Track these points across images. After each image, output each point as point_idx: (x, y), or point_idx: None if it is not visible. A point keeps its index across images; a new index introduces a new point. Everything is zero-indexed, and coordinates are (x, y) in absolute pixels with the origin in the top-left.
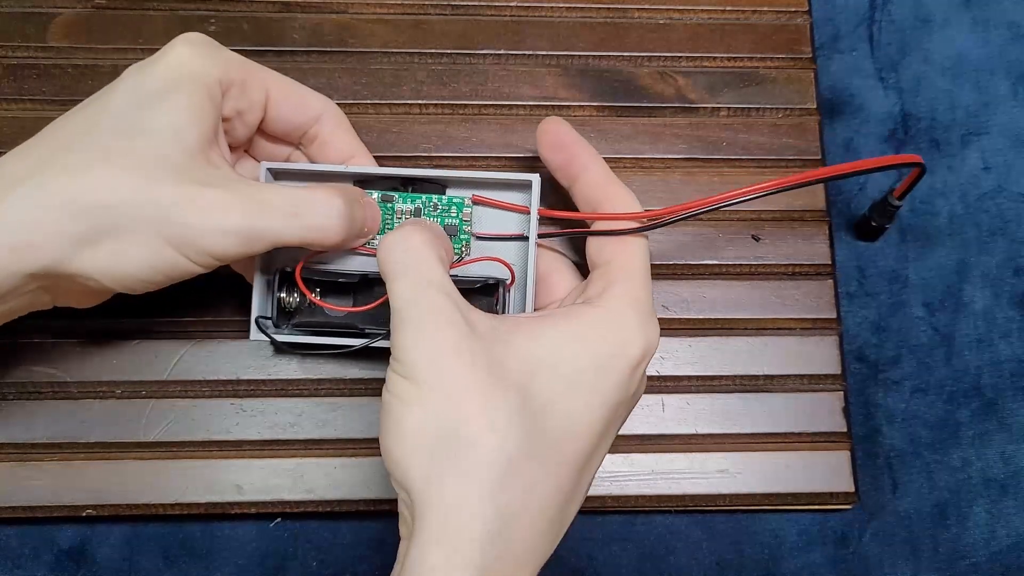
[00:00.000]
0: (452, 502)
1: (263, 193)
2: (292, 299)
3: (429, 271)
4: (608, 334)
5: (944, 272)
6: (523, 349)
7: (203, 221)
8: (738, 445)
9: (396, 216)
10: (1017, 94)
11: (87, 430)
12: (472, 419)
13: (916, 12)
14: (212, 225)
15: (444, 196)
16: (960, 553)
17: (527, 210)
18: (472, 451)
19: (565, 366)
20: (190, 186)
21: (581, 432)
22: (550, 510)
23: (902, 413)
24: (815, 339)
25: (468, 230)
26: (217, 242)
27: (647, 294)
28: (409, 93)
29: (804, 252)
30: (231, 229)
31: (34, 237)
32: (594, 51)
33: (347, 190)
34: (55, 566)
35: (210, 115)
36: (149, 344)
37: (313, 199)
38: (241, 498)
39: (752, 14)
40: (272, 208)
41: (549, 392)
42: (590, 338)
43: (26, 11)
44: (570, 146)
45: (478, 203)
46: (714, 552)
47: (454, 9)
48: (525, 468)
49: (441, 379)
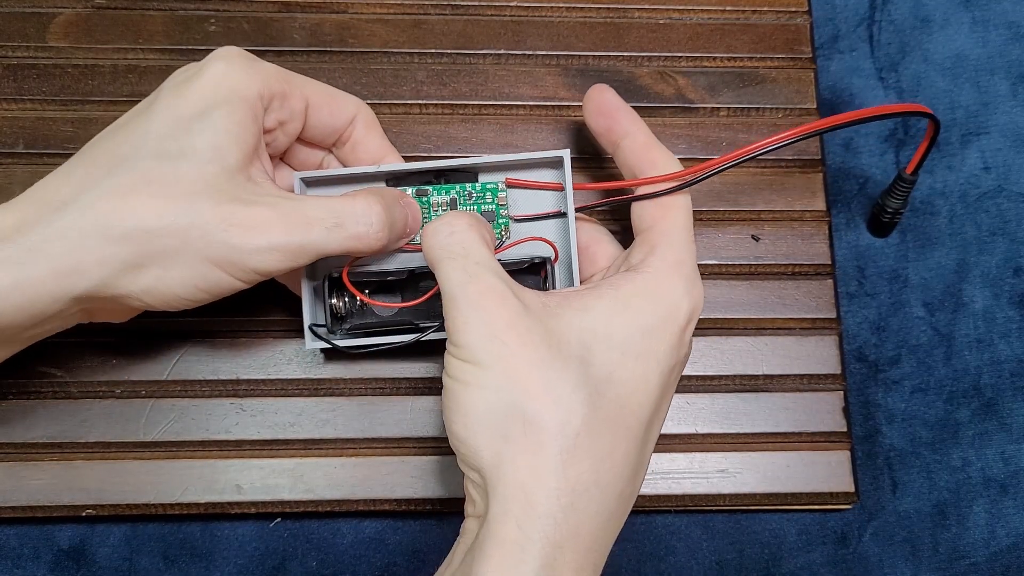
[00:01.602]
0: (524, 478)
1: (304, 207)
2: (343, 303)
3: (476, 252)
4: (654, 299)
5: (944, 272)
6: (576, 322)
7: (246, 241)
8: (738, 445)
9: (432, 209)
10: (1017, 94)
11: (87, 430)
12: (536, 395)
13: (916, 12)
14: (256, 244)
15: (477, 184)
16: (960, 553)
17: (561, 187)
18: (539, 427)
19: (618, 335)
20: (233, 206)
21: (642, 399)
22: (619, 481)
23: (902, 413)
24: (815, 339)
25: (505, 214)
26: (262, 260)
27: (690, 255)
28: (409, 93)
29: (804, 252)
30: (275, 246)
31: (80, 262)
32: (594, 51)
33: (385, 193)
34: (55, 566)
35: (251, 132)
36: (149, 344)
37: (354, 209)
38: (241, 498)
39: (752, 14)
40: (314, 222)
41: (606, 362)
42: (637, 306)
43: (26, 11)
44: (613, 112)
45: (512, 186)
46: (714, 552)
47: (454, 9)
48: (592, 440)
49: (500, 357)
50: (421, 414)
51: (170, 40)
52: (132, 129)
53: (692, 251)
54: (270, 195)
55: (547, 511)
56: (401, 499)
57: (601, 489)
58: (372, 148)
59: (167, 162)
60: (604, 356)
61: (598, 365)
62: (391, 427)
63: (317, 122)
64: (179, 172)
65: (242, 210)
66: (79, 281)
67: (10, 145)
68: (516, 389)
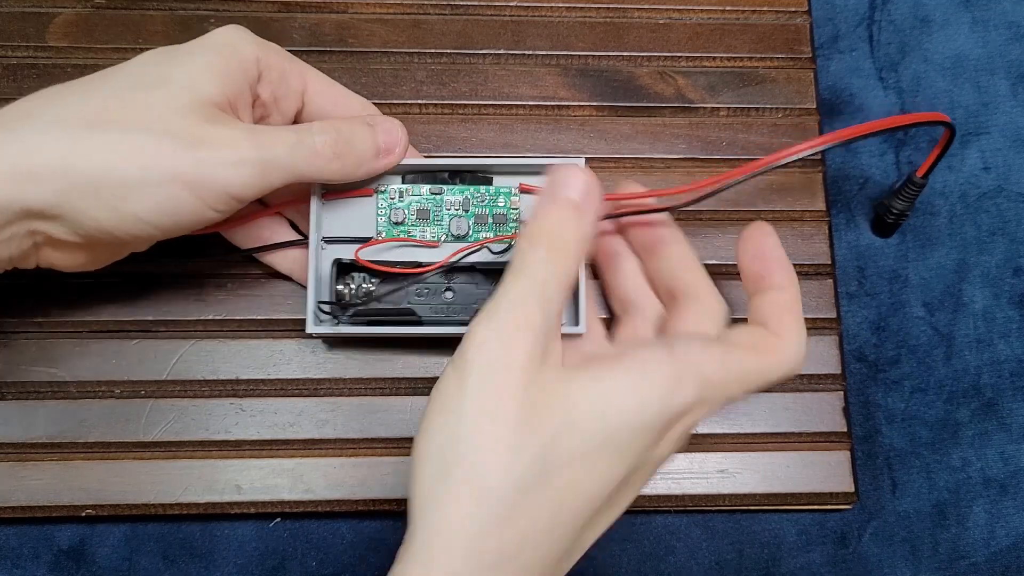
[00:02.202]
0: (441, 528)
1: (270, 128)
2: (349, 290)
3: (556, 277)
4: (646, 397)
5: (944, 272)
6: (566, 403)
7: (214, 154)
8: (738, 445)
9: (445, 208)
10: (1017, 94)
11: (87, 430)
12: (488, 452)
13: (916, 12)
14: (223, 157)
15: (491, 186)
16: (960, 553)
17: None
18: (475, 483)
19: (596, 430)
20: (201, 127)
21: (598, 490)
22: (545, 562)
23: (902, 413)
24: (815, 339)
25: (516, 218)
26: (231, 175)
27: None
28: (408, 93)
29: (804, 252)
30: (243, 159)
31: (36, 167)
32: (594, 51)
33: (354, 118)
34: (55, 566)
35: (235, 80)
36: (149, 344)
37: (310, 128)
38: (241, 498)
39: (752, 14)
40: (278, 139)
41: (571, 451)
42: (624, 405)
43: (26, 11)
44: (772, 262)
45: (525, 191)
46: (714, 552)
47: (453, 9)
48: (530, 512)
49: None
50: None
51: (170, 40)
52: (126, 63)
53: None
54: (239, 123)
55: (463, 567)
56: (401, 499)
57: (522, 563)
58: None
59: (141, 88)
60: (574, 444)
61: (563, 450)
62: (391, 427)
63: (318, 110)
64: (151, 97)
65: (210, 130)
66: (33, 190)
67: None
68: (478, 435)
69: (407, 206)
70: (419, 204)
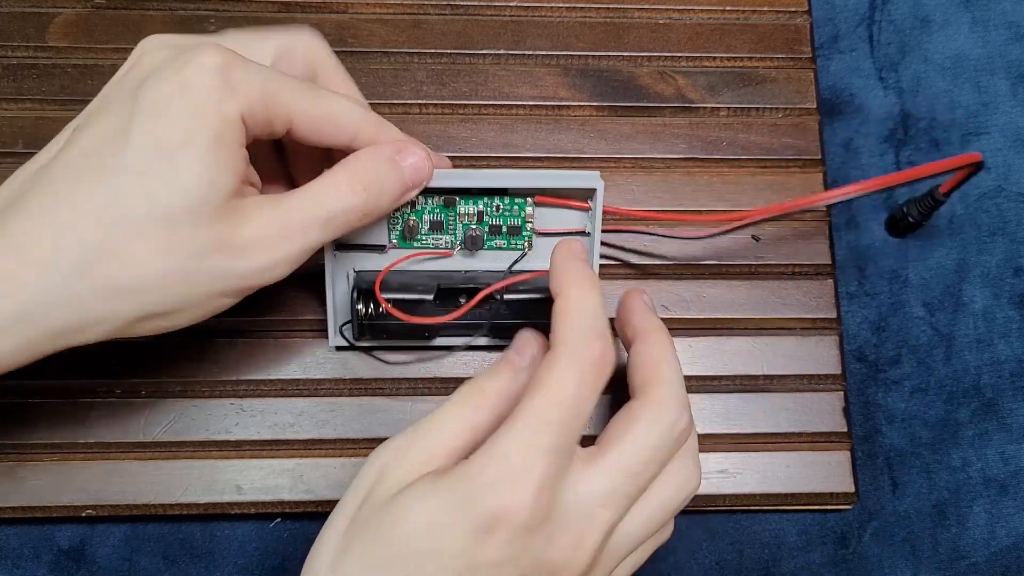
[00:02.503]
0: None
1: (294, 214)
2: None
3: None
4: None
5: (944, 272)
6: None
7: (250, 265)
8: (738, 445)
9: (459, 219)
10: (1017, 94)
11: (87, 430)
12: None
13: (916, 12)
14: (260, 264)
15: (506, 198)
16: (960, 553)
17: (588, 207)
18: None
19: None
20: (231, 236)
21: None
22: None
23: (902, 413)
24: (815, 339)
25: (531, 228)
26: (269, 276)
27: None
28: (409, 93)
29: (804, 252)
30: (278, 260)
31: (80, 322)
32: (594, 51)
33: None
34: (55, 566)
35: (239, 156)
36: (149, 344)
37: (338, 193)
38: (241, 498)
39: (752, 14)
40: (308, 225)
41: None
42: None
43: (26, 11)
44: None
45: (540, 204)
46: (714, 552)
47: (454, 9)
48: None
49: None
50: (421, 415)
51: None
52: (109, 163)
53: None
54: (260, 209)
55: None
56: None
57: None
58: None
59: (158, 208)
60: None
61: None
62: (391, 427)
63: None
64: (172, 216)
65: (240, 236)
66: (80, 337)
67: (10, 145)
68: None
69: (419, 214)
70: (432, 216)
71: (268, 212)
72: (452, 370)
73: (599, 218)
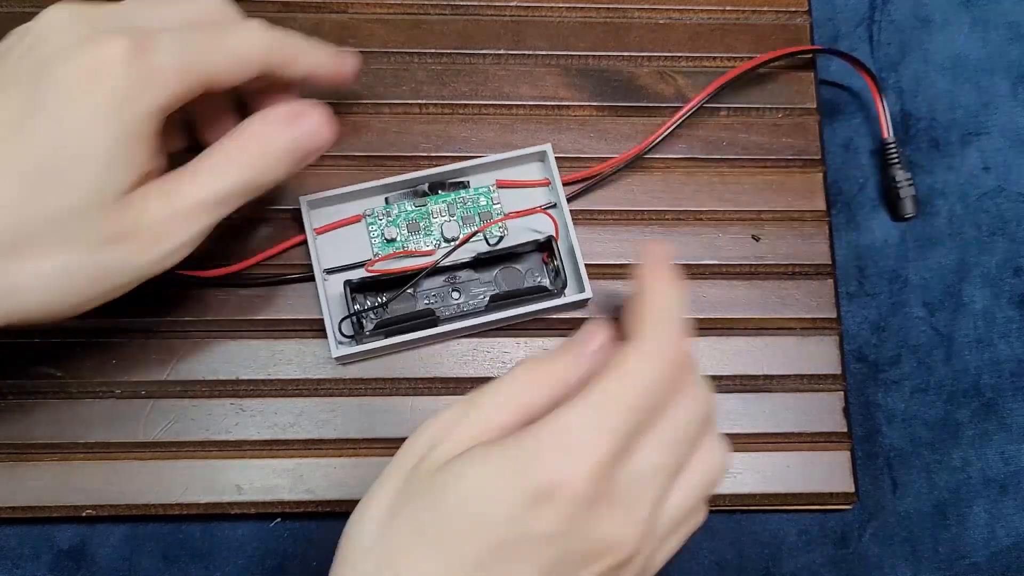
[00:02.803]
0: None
1: (185, 198)
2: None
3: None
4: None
5: (944, 272)
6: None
7: (146, 257)
8: (738, 445)
9: (432, 216)
10: (1017, 94)
11: (87, 430)
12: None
13: (916, 12)
14: (154, 257)
15: (470, 189)
16: (960, 553)
17: (548, 182)
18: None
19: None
20: (125, 230)
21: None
22: None
23: (902, 413)
24: (815, 339)
25: (499, 211)
26: (166, 264)
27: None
28: (409, 93)
29: (804, 252)
30: (175, 248)
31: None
32: (594, 51)
33: (259, 128)
34: (55, 566)
35: (141, 155)
36: (149, 344)
37: (222, 173)
38: (241, 498)
39: (752, 14)
40: (198, 208)
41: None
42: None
43: (26, 11)
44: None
45: (502, 186)
46: (714, 552)
47: (454, 9)
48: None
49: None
50: (421, 414)
51: None
52: (5, 159)
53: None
54: (154, 199)
55: None
56: None
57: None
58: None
59: (53, 208)
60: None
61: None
62: (391, 427)
63: (220, 89)
64: (69, 214)
65: (134, 229)
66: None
67: None
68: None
69: (395, 222)
70: (407, 219)
71: (161, 202)
72: (452, 370)
73: (557, 178)
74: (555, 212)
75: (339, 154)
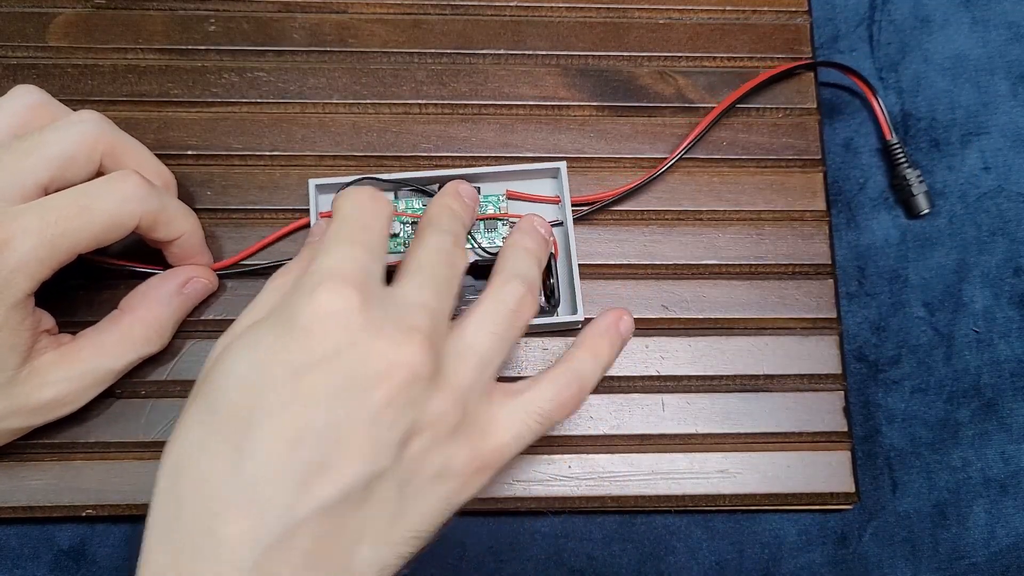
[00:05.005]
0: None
1: (85, 371)
2: None
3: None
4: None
5: (944, 272)
6: None
7: (47, 418)
8: (738, 445)
9: None
10: (1017, 94)
11: (87, 430)
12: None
13: (916, 12)
14: (55, 416)
15: (480, 194)
16: (960, 553)
17: (559, 200)
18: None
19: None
20: (27, 401)
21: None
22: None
23: (902, 413)
24: (815, 339)
25: (505, 222)
26: (62, 415)
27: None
28: (409, 93)
29: (804, 252)
30: (74, 407)
31: None
32: (594, 51)
33: (154, 302)
34: (55, 566)
35: (22, 336)
36: None
37: (120, 348)
38: None
39: (752, 14)
40: (97, 379)
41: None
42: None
43: (26, 11)
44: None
45: (512, 198)
46: (714, 552)
47: (454, 9)
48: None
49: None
50: None
51: (170, 40)
52: None
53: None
54: (54, 368)
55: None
56: None
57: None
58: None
59: None
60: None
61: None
62: None
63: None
64: None
65: (35, 399)
66: None
67: None
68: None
69: (401, 217)
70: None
71: (61, 372)
72: None
73: (567, 198)
74: (559, 231)
75: (339, 154)
